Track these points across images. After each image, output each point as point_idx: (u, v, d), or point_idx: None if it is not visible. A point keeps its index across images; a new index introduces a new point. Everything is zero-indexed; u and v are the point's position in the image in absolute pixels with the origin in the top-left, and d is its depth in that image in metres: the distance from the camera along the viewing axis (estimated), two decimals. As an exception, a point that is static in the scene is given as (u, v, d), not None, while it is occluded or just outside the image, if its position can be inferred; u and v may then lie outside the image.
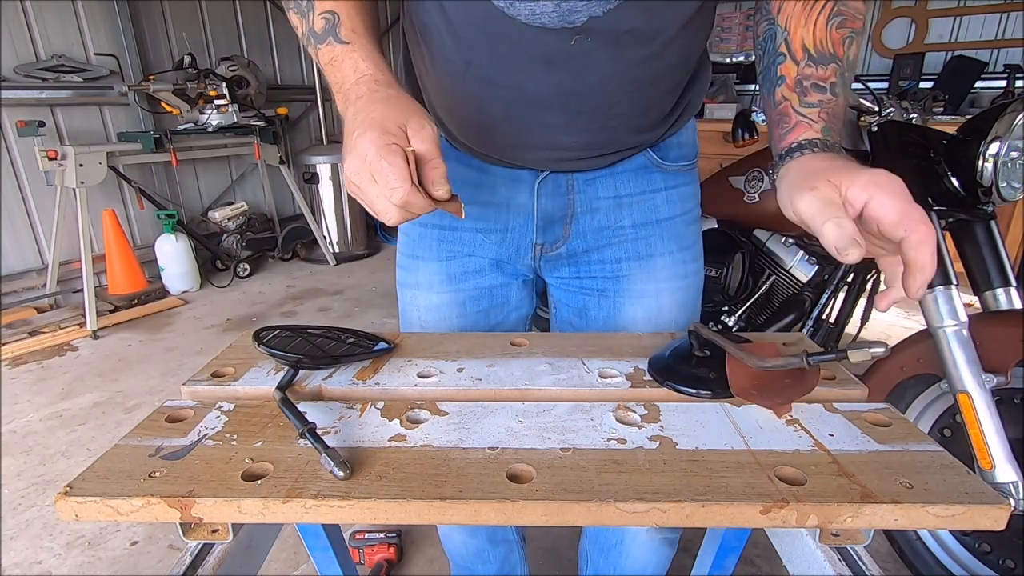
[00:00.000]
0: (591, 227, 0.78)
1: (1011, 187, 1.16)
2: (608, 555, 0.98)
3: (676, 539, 0.95)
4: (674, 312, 0.80)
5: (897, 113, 1.35)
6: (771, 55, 0.59)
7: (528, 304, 0.89)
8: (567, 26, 0.58)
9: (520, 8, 0.58)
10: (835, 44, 0.56)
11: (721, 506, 0.39)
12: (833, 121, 0.56)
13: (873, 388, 0.56)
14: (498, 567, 1.10)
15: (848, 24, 0.56)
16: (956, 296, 1.13)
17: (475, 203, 0.79)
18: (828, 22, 0.56)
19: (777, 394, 0.50)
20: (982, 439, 1.06)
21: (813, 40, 0.56)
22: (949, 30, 3.66)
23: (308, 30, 0.59)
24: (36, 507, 1.65)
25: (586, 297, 0.82)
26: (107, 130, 3.35)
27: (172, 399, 0.54)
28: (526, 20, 0.59)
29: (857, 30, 0.57)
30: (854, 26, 0.56)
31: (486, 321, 0.86)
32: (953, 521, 0.39)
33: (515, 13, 0.58)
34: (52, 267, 3.08)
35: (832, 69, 0.56)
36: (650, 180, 0.77)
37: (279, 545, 1.48)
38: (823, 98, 0.55)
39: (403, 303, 0.89)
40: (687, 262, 0.80)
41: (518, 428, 0.48)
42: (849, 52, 0.56)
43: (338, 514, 0.40)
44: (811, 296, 1.52)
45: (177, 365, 2.53)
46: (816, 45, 0.56)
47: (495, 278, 0.83)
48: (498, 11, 0.59)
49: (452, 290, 0.83)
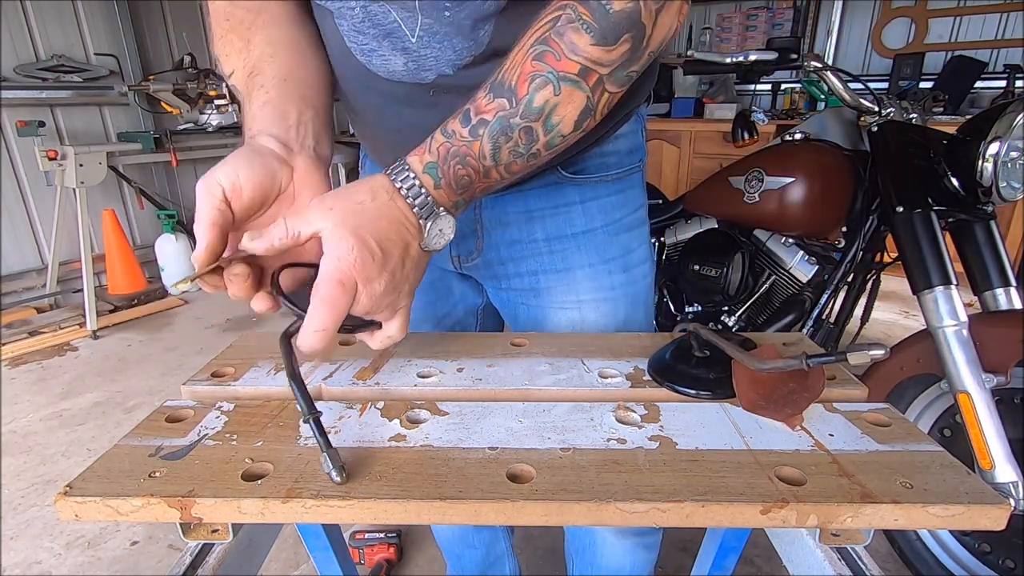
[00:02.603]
0: (503, 240, 0.76)
1: (1011, 187, 1.16)
2: (583, 556, 0.99)
3: (655, 543, 0.95)
4: (602, 322, 0.78)
5: (897, 113, 1.35)
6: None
7: (474, 296, 0.88)
8: (419, 82, 0.59)
9: (377, 64, 0.59)
10: (521, 80, 0.46)
11: (721, 506, 0.39)
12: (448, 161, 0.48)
13: (873, 388, 0.56)
14: (483, 553, 1.12)
15: (549, 59, 0.45)
16: (956, 296, 1.13)
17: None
18: (530, 49, 0.46)
19: (785, 403, 0.50)
20: (982, 439, 1.06)
21: (509, 64, 0.47)
22: (949, 30, 3.66)
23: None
24: (36, 507, 1.65)
25: (516, 305, 0.81)
26: (107, 130, 3.35)
27: (172, 399, 0.54)
28: (384, 75, 0.60)
29: (556, 72, 0.45)
30: (555, 64, 0.45)
31: (434, 312, 0.87)
32: (953, 521, 0.39)
33: (375, 69, 0.60)
34: (52, 267, 3.08)
35: (498, 105, 0.46)
36: (562, 194, 0.73)
37: (279, 545, 1.48)
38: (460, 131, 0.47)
39: None
40: (612, 273, 0.77)
41: (518, 428, 0.48)
42: (535, 95, 0.46)
43: (338, 514, 0.40)
44: (811, 296, 1.52)
45: (177, 365, 2.53)
46: (504, 71, 0.47)
47: (432, 272, 0.82)
48: (362, 66, 0.60)
49: None
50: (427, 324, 0.88)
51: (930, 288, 1.15)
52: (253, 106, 0.54)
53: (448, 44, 0.56)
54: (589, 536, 0.96)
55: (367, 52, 0.59)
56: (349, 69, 0.62)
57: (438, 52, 0.56)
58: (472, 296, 0.88)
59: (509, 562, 1.17)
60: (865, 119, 1.40)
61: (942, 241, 1.17)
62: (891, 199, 1.24)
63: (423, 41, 0.56)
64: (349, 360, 0.62)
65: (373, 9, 0.55)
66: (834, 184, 1.40)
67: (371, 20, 0.56)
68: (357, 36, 0.58)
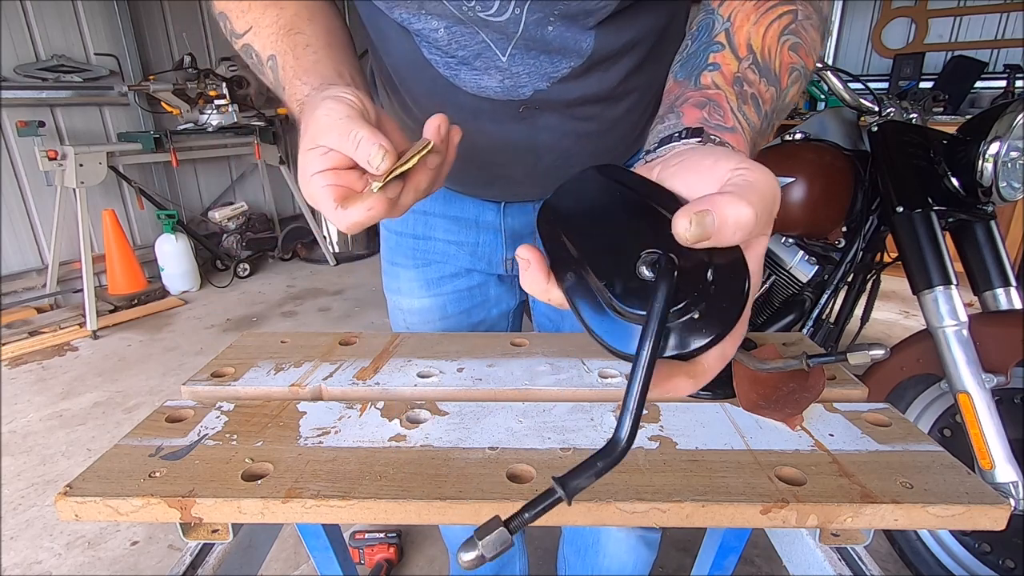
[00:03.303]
0: None
1: (1011, 187, 1.16)
2: (584, 556, 0.99)
3: (655, 540, 0.95)
4: None
5: (897, 113, 1.35)
6: (703, 43, 0.44)
7: (509, 298, 0.88)
8: (513, 99, 0.57)
9: (465, 80, 0.57)
10: (782, 68, 0.43)
11: (721, 506, 0.39)
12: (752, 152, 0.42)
13: (873, 388, 0.56)
14: None
15: (802, 52, 0.44)
16: (956, 296, 1.13)
17: (445, 217, 0.79)
18: (781, 36, 0.43)
19: (786, 404, 0.50)
20: (982, 439, 1.06)
21: (761, 45, 0.43)
22: (949, 30, 3.66)
23: (271, 85, 0.55)
24: (36, 507, 1.65)
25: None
26: (107, 130, 3.35)
27: (172, 399, 0.54)
28: (472, 91, 0.58)
29: (805, 68, 0.44)
30: (806, 61, 0.44)
31: (468, 320, 0.87)
32: (953, 521, 0.39)
33: (461, 84, 0.57)
34: (52, 267, 3.08)
35: (771, 95, 0.42)
36: None
37: (279, 545, 1.48)
38: (757, 120, 0.41)
39: (390, 306, 0.91)
40: None
41: (518, 428, 0.48)
42: (790, 88, 0.44)
43: (338, 514, 0.40)
44: (811, 296, 1.52)
45: (177, 365, 2.53)
46: (763, 53, 0.43)
47: (471, 279, 0.84)
48: (445, 80, 0.58)
49: (431, 295, 0.84)
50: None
51: (930, 288, 1.15)
52: (305, 60, 0.51)
53: (545, 59, 0.54)
54: (593, 535, 0.96)
55: (452, 67, 0.57)
56: (424, 81, 0.59)
57: (532, 68, 0.55)
58: (508, 299, 0.88)
59: (520, 561, 1.16)
60: (865, 119, 1.40)
61: (942, 241, 1.17)
62: (891, 199, 1.24)
63: (514, 59, 0.54)
64: (349, 360, 0.62)
65: (458, 30, 0.53)
66: (834, 184, 1.40)
67: (457, 42, 0.54)
68: (441, 55, 0.56)
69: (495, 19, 0.51)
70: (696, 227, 0.28)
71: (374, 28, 0.61)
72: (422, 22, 0.54)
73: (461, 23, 0.53)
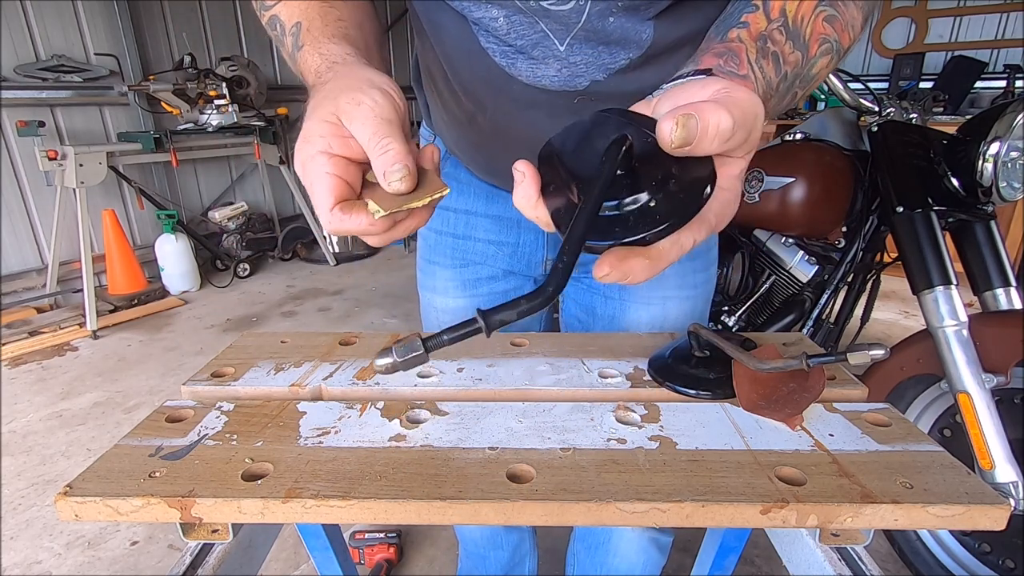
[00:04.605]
0: None
1: (1011, 187, 1.16)
2: (595, 554, 0.99)
3: (667, 544, 0.95)
4: (681, 320, 0.79)
5: (897, 113, 1.35)
6: (740, 6, 0.45)
7: None
8: (568, 89, 0.57)
9: (522, 69, 0.56)
10: (813, 36, 0.43)
11: (721, 506, 0.39)
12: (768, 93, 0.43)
13: (873, 388, 0.56)
14: (510, 555, 1.11)
15: (837, 26, 0.44)
16: (956, 296, 1.13)
17: (487, 216, 0.79)
18: (818, 5, 0.43)
19: (785, 404, 0.50)
20: (982, 439, 1.06)
21: (795, 11, 0.43)
22: (949, 30, 3.66)
23: (288, 56, 0.54)
24: (36, 507, 1.65)
25: (593, 295, 0.82)
26: (107, 130, 3.35)
27: (172, 399, 0.54)
28: (528, 81, 0.57)
29: (839, 43, 0.45)
30: (841, 36, 0.45)
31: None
32: (953, 521, 0.39)
33: (517, 73, 0.57)
34: (52, 267, 3.08)
35: (796, 59, 0.43)
36: None
37: (279, 545, 1.48)
38: (774, 77, 0.42)
39: (423, 304, 0.91)
40: (697, 272, 0.79)
41: (518, 428, 0.48)
42: (819, 59, 0.44)
43: (338, 514, 0.40)
44: (811, 296, 1.52)
45: (177, 365, 2.53)
46: (795, 18, 0.43)
47: (508, 282, 0.84)
48: (501, 69, 0.57)
49: (467, 295, 0.85)
50: None
51: (930, 288, 1.15)
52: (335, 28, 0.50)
53: (604, 49, 0.54)
54: (605, 533, 0.96)
55: (510, 56, 0.56)
56: (479, 70, 0.58)
57: (591, 58, 0.54)
58: None
59: (530, 561, 1.16)
60: (865, 119, 1.40)
61: (942, 241, 1.17)
62: (891, 199, 1.24)
63: (572, 49, 0.54)
64: (349, 360, 0.62)
65: (518, 19, 0.53)
66: (834, 184, 1.40)
67: (516, 31, 0.54)
68: (499, 44, 0.56)
69: (558, 8, 0.51)
70: (681, 129, 0.30)
71: (427, 18, 0.60)
72: (482, 11, 0.53)
73: (522, 12, 0.52)
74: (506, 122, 0.62)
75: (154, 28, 3.53)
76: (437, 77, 0.67)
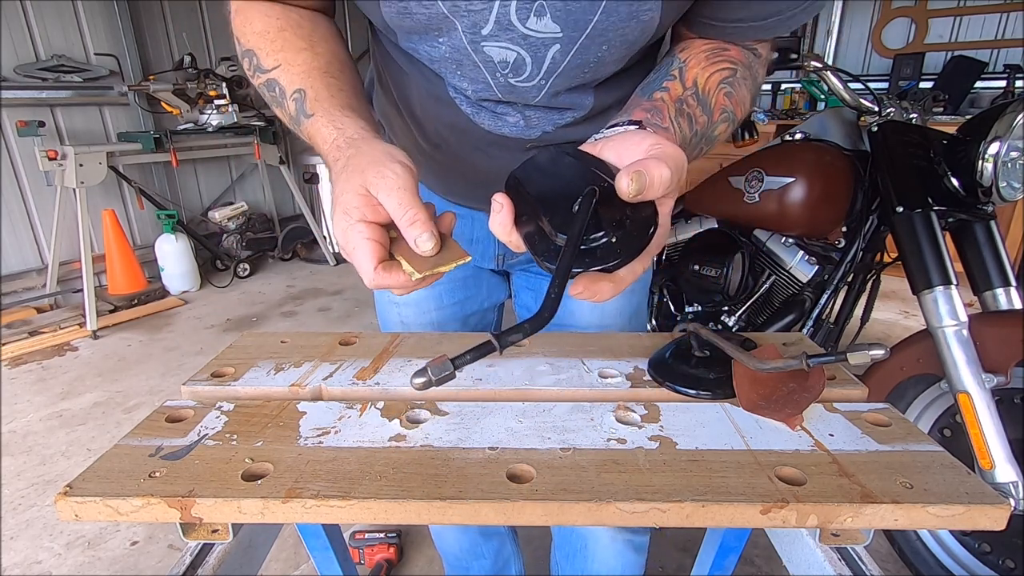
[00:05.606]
0: None
1: (1011, 187, 1.16)
2: (574, 561, 0.99)
3: (643, 545, 0.96)
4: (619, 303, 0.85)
5: (897, 113, 1.35)
6: (661, 74, 0.57)
7: (499, 292, 0.93)
8: (523, 137, 0.65)
9: (484, 119, 0.64)
10: (716, 106, 0.55)
11: (721, 506, 0.39)
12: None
13: (873, 388, 0.56)
14: (492, 562, 1.11)
15: (734, 100, 0.56)
16: (956, 296, 1.14)
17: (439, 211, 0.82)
18: (720, 83, 0.55)
19: (786, 404, 0.50)
20: (982, 439, 1.06)
21: (704, 84, 0.55)
22: (949, 30, 3.66)
23: (288, 118, 0.57)
24: (36, 507, 1.65)
25: (543, 281, 0.85)
26: (107, 130, 3.35)
27: (172, 399, 0.54)
28: (489, 129, 0.65)
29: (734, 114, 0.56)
30: (736, 109, 0.56)
31: (462, 311, 0.90)
32: (953, 521, 0.39)
33: (480, 123, 0.65)
34: (52, 267, 3.08)
35: (703, 122, 0.55)
36: None
37: (279, 545, 1.48)
38: (688, 132, 0.53)
39: (381, 303, 0.92)
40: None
41: (518, 428, 0.48)
42: (719, 124, 0.56)
43: (338, 514, 0.40)
44: (811, 296, 1.52)
45: (177, 365, 2.53)
46: (704, 90, 0.55)
47: (465, 270, 0.86)
48: (466, 116, 0.64)
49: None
50: (454, 324, 0.89)
51: (930, 288, 1.15)
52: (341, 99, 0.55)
53: (555, 112, 0.64)
54: (581, 539, 0.96)
55: (475, 107, 0.64)
56: (446, 115, 0.66)
57: (543, 117, 0.64)
58: (499, 292, 0.93)
59: (515, 563, 1.16)
60: (865, 119, 1.40)
61: (942, 241, 1.17)
62: (891, 199, 1.24)
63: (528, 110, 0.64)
64: (349, 360, 0.62)
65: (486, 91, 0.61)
66: (834, 184, 1.40)
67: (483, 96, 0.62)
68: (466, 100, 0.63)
69: (523, 84, 0.60)
70: (635, 183, 0.39)
71: (401, 63, 0.66)
72: (456, 79, 0.61)
73: (491, 88, 0.61)
74: (466, 157, 0.70)
75: (154, 28, 3.53)
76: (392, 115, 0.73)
